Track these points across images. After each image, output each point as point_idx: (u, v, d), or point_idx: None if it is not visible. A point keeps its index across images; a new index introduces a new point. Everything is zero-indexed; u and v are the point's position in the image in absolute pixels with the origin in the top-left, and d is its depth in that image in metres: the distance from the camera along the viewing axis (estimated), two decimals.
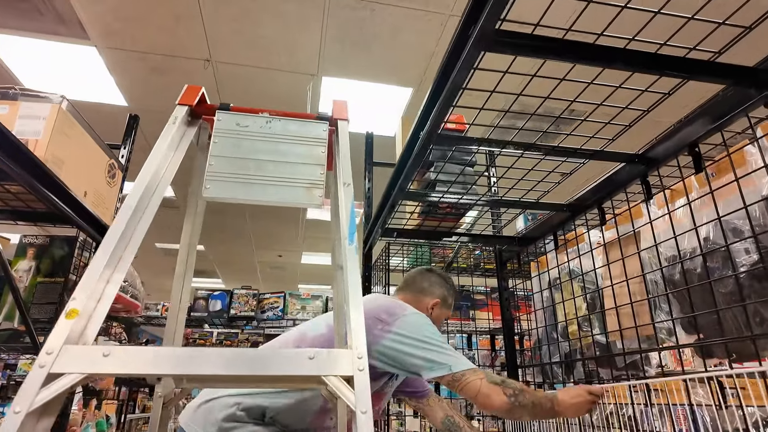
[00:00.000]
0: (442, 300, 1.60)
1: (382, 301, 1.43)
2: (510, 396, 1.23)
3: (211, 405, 1.26)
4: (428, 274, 1.65)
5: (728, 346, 1.15)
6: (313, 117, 1.02)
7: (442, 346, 1.29)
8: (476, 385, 1.24)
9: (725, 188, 1.21)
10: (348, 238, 0.76)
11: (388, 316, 1.33)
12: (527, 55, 0.90)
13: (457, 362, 1.25)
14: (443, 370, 1.24)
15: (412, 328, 1.31)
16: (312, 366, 0.61)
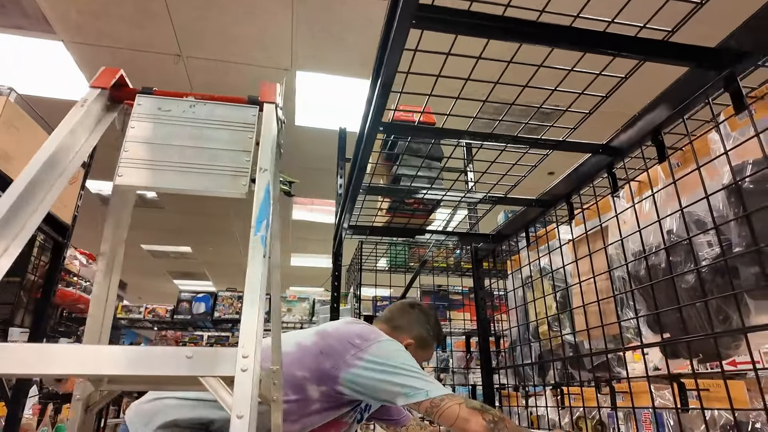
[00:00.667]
0: (418, 341, 1.52)
1: (359, 326, 1.38)
2: (489, 422, 1.17)
3: (155, 405, 1.20)
4: (409, 311, 1.58)
5: (692, 346, 1.09)
6: (243, 101, 0.95)
7: (418, 372, 1.23)
8: (455, 411, 1.17)
9: (691, 180, 1.15)
10: (254, 227, 0.69)
11: (362, 341, 1.28)
12: (461, 33, 0.84)
13: (434, 388, 1.20)
14: (420, 396, 1.19)
15: (386, 354, 1.26)
16: (189, 365, 0.55)
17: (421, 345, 1.53)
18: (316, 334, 1.33)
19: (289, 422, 1.22)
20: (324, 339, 1.30)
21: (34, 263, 2.03)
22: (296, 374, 1.23)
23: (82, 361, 0.54)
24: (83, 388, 0.97)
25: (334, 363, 1.24)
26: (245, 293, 0.63)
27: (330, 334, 1.32)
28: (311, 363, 1.24)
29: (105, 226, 1.02)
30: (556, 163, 1.55)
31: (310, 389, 1.23)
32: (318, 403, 1.24)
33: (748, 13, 0.90)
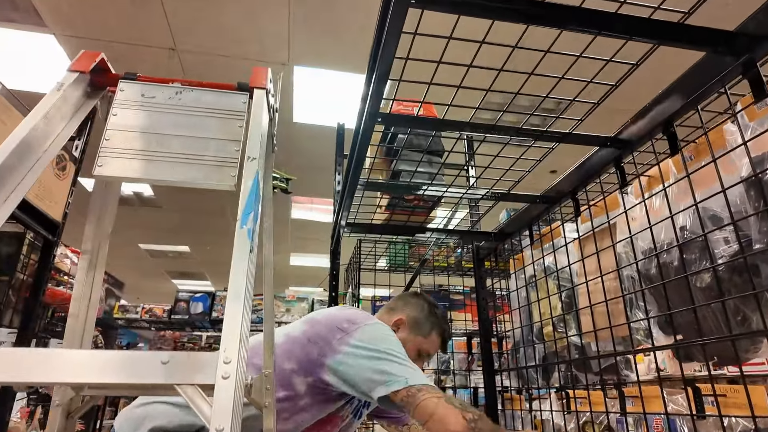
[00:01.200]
0: (411, 321, 1.41)
1: (349, 311, 1.31)
2: (470, 421, 1.07)
3: (144, 410, 1.15)
4: (407, 296, 1.51)
5: (707, 349, 1.03)
6: (232, 87, 0.90)
7: (401, 358, 1.13)
8: (432, 404, 1.07)
9: (705, 175, 1.09)
10: (240, 220, 0.64)
11: (350, 324, 1.20)
12: (463, 13, 0.78)
13: (415, 376, 1.11)
14: (399, 384, 1.09)
15: (371, 338, 1.17)
16: (165, 373, 0.49)
17: (415, 326, 1.41)
18: (306, 323, 1.26)
19: (281, 420, 1.16)
20: (313, 326, 1.23)
21: (24, 262, 1.97)
22: (284, 368, 1.16)
23: (47, 368, 0.48)
24: (63, 394, 0.92)
25: (321, 349, 1.17)
26: (229, 291, 0.57)
27: (319, 321, 1.24)
28: (300, 353, 1.17)
29: (87, 221, 0.96)
30: (559, 162, 1.50)
31: (297, 383, 1.16)
32: (306, 397, 1.17)
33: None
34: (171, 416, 1.11)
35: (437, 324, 1.44)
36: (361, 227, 1.94)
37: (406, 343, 1.35)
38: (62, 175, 1.96)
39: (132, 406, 1.18)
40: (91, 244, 0.95)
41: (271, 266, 1.00)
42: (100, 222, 0.99)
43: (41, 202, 1.81)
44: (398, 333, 1.37)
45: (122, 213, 6.04)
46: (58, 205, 1.95)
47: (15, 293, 1.94)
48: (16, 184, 0.70)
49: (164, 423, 1.11)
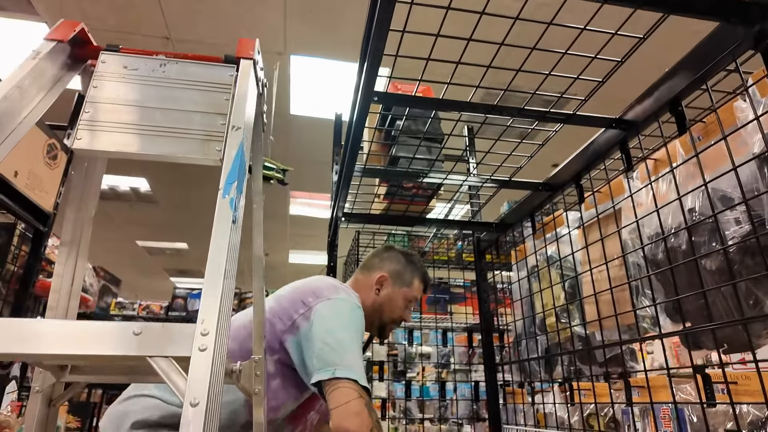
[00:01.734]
0: (393, 275, 1.37)
1: (318, 282, 1.22)
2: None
3: (126, 406, 1.10)
4: (383, 252, 1.45)
5: (717, 335, 0.98)
6: (219, 60, 0.86)
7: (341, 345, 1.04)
8: (349, 395, 0.97)
9: (714, 157, 1.05)
10: (222, 189, 0.60)
11: (314, 298, 1.14)
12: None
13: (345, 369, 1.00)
14: (324, 373, 1.00)
15: (327, 313, 1.10)
16: (137, 344, 0.45)
17: (399, 278, 1.37)
18: (274, 299, 1.19)
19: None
20: (279, 303, 1.16)
21: (14, 253, 1.93)
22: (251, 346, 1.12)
23: (6, 336, 0.44)
24: (43, 379, 0.87)
25: (284, 324, 1.11)
26: (208, 263, 0.53)
27: (284, 296, 1.18)
28: (266, 331, 1.11)
29: (66, 206, 0.91)
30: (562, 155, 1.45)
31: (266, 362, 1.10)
32: (277, 377, 1.11)
33: None
34: (152, 409, 1.07)
35: (417, 271, 1.42)
36: (359, 217, 1.90)
37: (395, 300, 1.35)
38: (53, 164, 1.92)
39: (115, 403, 1.14)
40: (72, 230, 0.91)
41: (261, 260, 0.96)
42: (81, 206, 0.94)
43: (32, 192, 1.77)
44: (383, 290, 1.35)
45: (119, 209, 6.00)
46: (49, 195, 1.91)
47: (5, 285, 1.90)
48: None
49: (146, 416, 1.06)
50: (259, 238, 0.97)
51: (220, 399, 0.47)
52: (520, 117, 1.17)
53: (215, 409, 0.44)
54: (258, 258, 0.98)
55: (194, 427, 0.40)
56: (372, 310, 1.32)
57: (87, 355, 0.45)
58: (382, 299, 1.34)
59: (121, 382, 1.23)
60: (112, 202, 5.74)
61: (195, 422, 0.40)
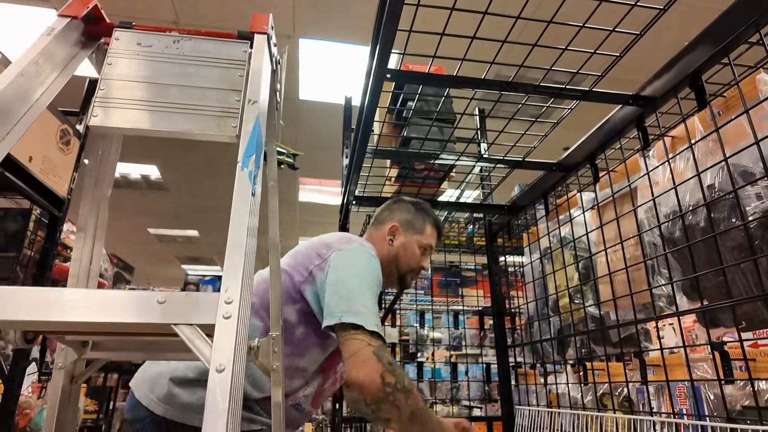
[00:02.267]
0: (404, 223, 1.35)
1: (333, 236, 1.23)
2: (386, 385, 0.92)
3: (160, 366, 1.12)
4: (392, 203, 1.43)
5: (736, 312, 0.97)
6: (232, 36, 0.85)
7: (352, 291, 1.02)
8: (357, 346, 0.94)
9: (734, 132, 1.03)
10: (241, 162, 0.59)
11: (328, 249, 1.14)
12: None
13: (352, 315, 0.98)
14: (331, 319, 0.99)
15: (339, 263, 1.09)
16: (161, 312, 0.46)
17: (410, 226, 1.36)
18: (290, 255, 1.20)
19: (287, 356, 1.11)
20: (294, 257, 1.17)
21: (30, 238, 1.96)
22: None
23: (30, 305, 0.45)
24: (65, 356, 0.89)
25: (300, 275, 1.12)
26: (230, 233, 0.53)
27: (300, 251, 1.19)
28: (283, 285, 1.12)
29: (81, 190, 0.92)
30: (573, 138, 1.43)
31: (287, 312, 1.11)
32: (301, 326, 1.11)
33: None
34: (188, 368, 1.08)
35: (427, 217, 1.40)
36: (370, 200, 1.90)
37: (410, 248, 1.34)
38: (66, 149, 1.93)
39: (145, 366, 1.15)
40: (88, 215, 0.91)
41: (277, 246, 0.95)
42: (96, 190, 0.95)
43: (46, 177, 1.79)
44: (396, 239, 1.34)
45: (130, 197, 6.05)
46: (63, 180, 1.92)
47: (22, 269, 1.94)
48: (5, 133, 0.66)
49: (183, 374, 1.07)
50: (274, 224, 0.97)
51: (244, 365, 0.47)
52: (535, 94, 1.15)
53: (240, 375, 0.45)
54: (274, 244, 0.98)
55: (221, 392, 0.41)
56: (388, 262, 1.31)
57: (111, 322, 0.45)
58: (396, 249, 1.32)
59: (139, 359, 1.25)
60: (124, 190, 5.79)
61: (222, 388, 0.41)
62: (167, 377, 1.07)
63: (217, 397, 0.39)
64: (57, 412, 0.86)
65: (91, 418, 3.68)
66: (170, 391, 1.06)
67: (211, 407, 0.39)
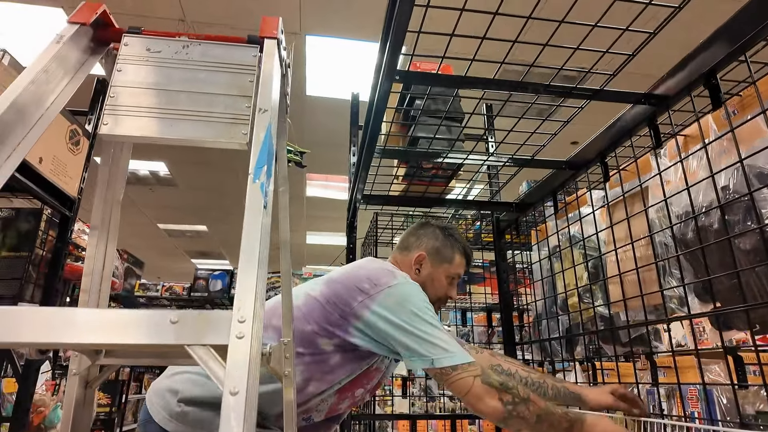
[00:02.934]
0: (432, 252, 1.31)
1: (371, 267, 1.21)
2: (507, 404, 1.01)
3: (174, 382, 1.12)
4: (419, 228, 1.37)
5: (750, 315, 0.96)
6: (242, 40, 0.84)
7: (425, 332, 1.06)
8: (467, 384, 1.02)
9: (750, 132, 1.01)
10: (253, 174, 0.59)
11: (371, 286, 1.12)
12: None
13: (442, 355, 1.04)
14: (423, 363, 1.04)
15: (394, 304, 1.09)
16: (175, 333, 0.46)
17: (438, 255, 1.31)
18: (324, 283, 1.19)
19: (315, 381, 1.12)
20: (330, 287, 1.16)
21: (42, 238, 1.98)
22: (306, 329, 1.11)
23: (43, 326, 0.45)
24: (79, 362, 0.90)
25: (342, 312, 1.11)
26: (242, 249, 0.53)
27: (337, 280, 1.17)
28: (319, 316, 1.11)
29: (94, 190, 0.92)
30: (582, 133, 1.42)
31: (322, 344, 1.11)
32: (336, 355, 1.12)
33: None
34: (200, 385, 1.08)
35: (457, 245, 1.34)
36: (378, 199, 1.89)
37: (436, 278, 1.30)
38: (76, 150, 1.94)
39: (162, 378, 1.15)
40: (101, 215, 0.92)
41: (287, 244, 0.95)
42: (109, 190, 0.95)
43: (56, 178, 1.80)
44: (423, 269, 1.30)
45: (139, 193, 6.09)
46: (74, 180, 1.94)
47: (35, 269, 1.96)
48: (17, 143, 0.67)
49: (194, 394, 1.07)
50: (285, 222, 0.97)
51: (257, 385, 0.47)
52: (545, 93, 1.13)
53: (254, 396, 0.45)
54: (284, 243, 0.98)
55: (235, 416, 0.40)
56: None
57: (124, 344, 0.46)
58: (423, 279, 1.28)
59: (155, 365, 1.26)
60: (133, 185, 5.82)
61: (236, 411, 0.41)
62: (176, 397, 1.06)
63: (231, 422, 0.39)
64: (72, 417, 0.86)
65: (104, 411, 3.74)
66: (182, 410, 1.06)
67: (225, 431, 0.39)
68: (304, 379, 1.11)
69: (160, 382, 1.13)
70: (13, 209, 2.04)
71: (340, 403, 1.22)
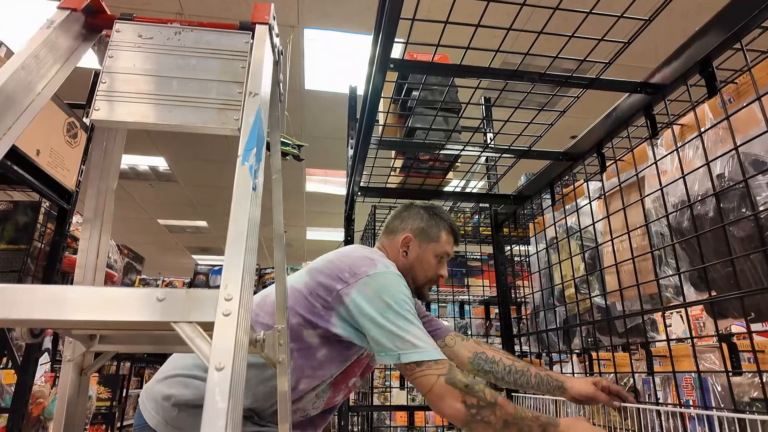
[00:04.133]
0: (418, 233, 1.28)
1: (354, 255, 1.18)
2: (471, 407, 0.97)
3: (168, 385, 1.09)
4: (403, 211, 1.35)
5: (745, 303, 0.96)
6: (234, 27, 0.84)
7: (397, 325, 1.03)
8: (429, 382, 0.98)
9: (746, 120, 1.01)
10: (242, 156, 0.59)
11: (351, 275, 1.11)
12: None
13: (410, 350, 1.01)
14: (390, 358, 1.02)
15: (371, 293, 1.07)
16: (161, 310, 0.46)
17: (424, 235, 1.28)
18: (308, 273, 1.16)
19: (305, 378, 1.11)
20: (314, 278, 1.14)
21: (40, 230, 1.98)
22: (291, 321, 1.10)
23: (32, 303, 0.45)
24: (73, 348, 0.90)
25: (324, 302, 1.09)
26: (229, 230, 0.53)
27: (320, 271, 1.15)
28: (302, 308, 1.10)
29: (87, 181, 0.92)
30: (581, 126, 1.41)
31: (307, 336, 1.10)
32: (323, 348, 1.11)
33: None
34: (193, 387, 1.07)
35: (442, 222, 1.31)
36: (375, 191, 1.89)
37: (425, 258, 1.28)
38: (74, 142, 1.94)
39: (153, 381, 1.14)
40: (94, 206, 0.91)
41: (282, 236, 0.95)
42: (102, 182, 0.95)
43: (54, 170, 1.80)
44: (410, 251, 1.28)
45: (139, 188, 6.09)
46: (71, 173, 1.94)
47: (34, 261, 1.96)
48: (6, 129, 0.67)
49: (188, 398, 1.06)
50: (278, 215, 0.97)
51: (244, 364, 0.47)
52: (541, 82, 1.13)
53: (240, 373, 0.45)
54: (278, 235, 0.98)
55: (220, 390, 0.40)
56: (404, 274, 1.21)
57: (111, 321, 0.46)
58: (411, 261, 1.27)
59: (149, 351, 1.26)
60: (132, 181, 5.83)
61: (221, 386, 0.41)
62: (170, 402, 1.05)
63: (216, 397, 0.39)
64: (67, 404, 0.87)
65: (105, 406, 3.75)
66: (177, 414, 1.05)
67: (210, 406, 0.39)
68: (295, 378, 1.10)
69: (153, 387, 1.12)
70: (11, 202, 2.04)
71: (336, 395, 1.22)
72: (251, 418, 1.12)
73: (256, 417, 1.12)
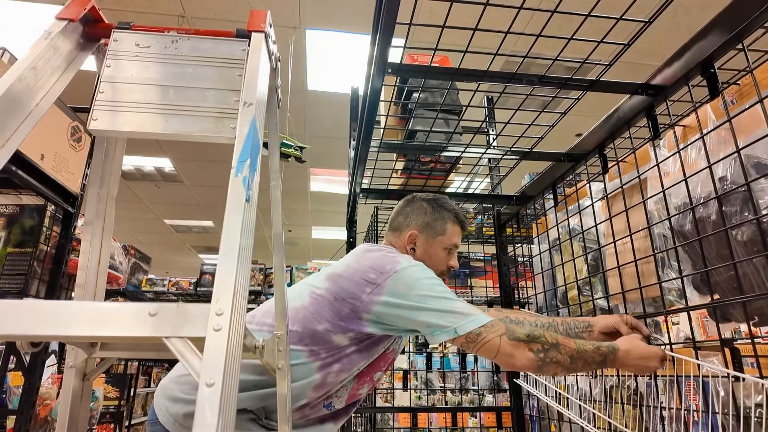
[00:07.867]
0: (423, 228, 1.27)
1: (373, 256, 1.19)
2: (538, 352, 1.03)
3: (178, 383, 1.10)
4: (405, 206, 1.34)
5: (747, 307, 0.95)
6: (230, 34, 0.84)
7: (441, 305, 1.06)
8: (495, 344, 1.03)
9: (748, 122, 0.99)
10: (235, 168, 0.59)
11: (378, 275, 1.11)
12: None
13: (463, 321, 1.03)
14: (446, 334, 1.04)
15: (404, 288, 1.08)
16: (152, 325, 0.46)
17: (430, 230, 1.27)
18: (328, 279, 1.17)
19: (335, 373, 1.11)
20: (336, 282, 1.14)
21: (46, 234, 2.00)
22: (318, 329, 1.10)
23: (24, 320, 0.45)
24: (75, 355, 0.91)
25: (352, 306, 1.09)
26: (222, 243, 0.53)
27: (341, 275, 1.15)
28: (329, 313, 1.10)
29: (88, 185, 0.93)
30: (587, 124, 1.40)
31: (337, 340, 1.10)
32: (353, 346, 1.11)
33: None
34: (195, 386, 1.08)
35: (448, 214, 1.29)
36: (377, 193, 1.89)
37: (431, 252, 1.27)
38: (78, 146, 1.95)
39: (167, 380, 1.14)
40: (95, 210, 0.92)
41: (280, 236, 0.95)
42: (103, 185, 0.96)
43: (58, 174, 1.82)
44: (418, 248, 1.27)
45: (145, 189, 6.13)
46: (76, 176, 1.95)
47: (40, 264, 1.98)
48: (6, 140, 0.67)
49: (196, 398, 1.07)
50: (277, 215, 0.97)
51: (236, 379, 0.47)
52: (540, 85, 1.12)
53: (232, 388, 0.45)
54: (277, 235, 0.98)
55: (210, 407, 0.41)
56: None
57: (102, 336, 0.46)
58: (420, 257, 1.25)
59: (150, 357, 1.27)
60: (138, 182, 5.86)
61: (211, 402, 0.41)
62: (179, 403, 1.06)
63: (206, 413, 0.39)
64: (69, 409, 0.88)
65: (113, 405, 3.78)
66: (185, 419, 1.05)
67: (200, 422, 0.39)
68: (322, 375, 1.10)
69: (167, 385, 1.13)
70: (17, 206, 2.06)
71: (360, 388, 1.22)
72: (257, 420, 1.12)
73: (264, 419, 1.13)
